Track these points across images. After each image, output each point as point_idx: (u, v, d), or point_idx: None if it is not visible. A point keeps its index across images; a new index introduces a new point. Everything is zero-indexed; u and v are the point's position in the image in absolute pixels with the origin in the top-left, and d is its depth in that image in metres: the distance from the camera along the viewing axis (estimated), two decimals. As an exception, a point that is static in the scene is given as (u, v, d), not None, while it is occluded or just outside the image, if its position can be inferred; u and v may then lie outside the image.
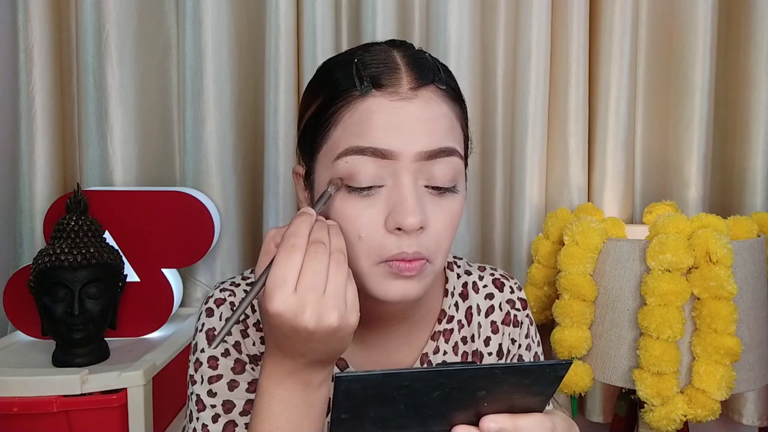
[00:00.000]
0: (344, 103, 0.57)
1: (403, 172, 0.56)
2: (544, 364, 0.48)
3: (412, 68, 0.58)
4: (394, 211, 0.55)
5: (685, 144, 1.40)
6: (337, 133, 0.58)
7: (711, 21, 1.37)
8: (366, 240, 0.56)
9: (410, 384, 0.46)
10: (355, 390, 0.46)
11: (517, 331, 0.76)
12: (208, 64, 1.36)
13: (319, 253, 0.50)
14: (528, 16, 1.38)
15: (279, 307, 0.49)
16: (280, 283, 0.49)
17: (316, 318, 0.49)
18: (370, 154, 0.56)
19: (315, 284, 0.49)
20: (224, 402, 0.65)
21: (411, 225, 0.55)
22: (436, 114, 0.58)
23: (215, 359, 0.66)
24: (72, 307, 1.08)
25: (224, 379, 0.66)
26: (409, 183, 0.56)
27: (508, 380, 0.48)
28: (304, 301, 0.49)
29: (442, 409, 0.49)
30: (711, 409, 1.06)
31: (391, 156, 0.56)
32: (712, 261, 1.04)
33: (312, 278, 0.49)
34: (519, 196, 1.41)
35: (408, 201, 0.55)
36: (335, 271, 0.50)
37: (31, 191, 1.34)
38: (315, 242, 0.51)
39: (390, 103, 0.56)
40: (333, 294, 0.50)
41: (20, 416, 1.01)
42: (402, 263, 0.56)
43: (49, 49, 1.35)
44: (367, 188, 0.56)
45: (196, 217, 1.29)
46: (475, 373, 0.47)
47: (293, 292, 0.49)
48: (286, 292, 0.49)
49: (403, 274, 0.57)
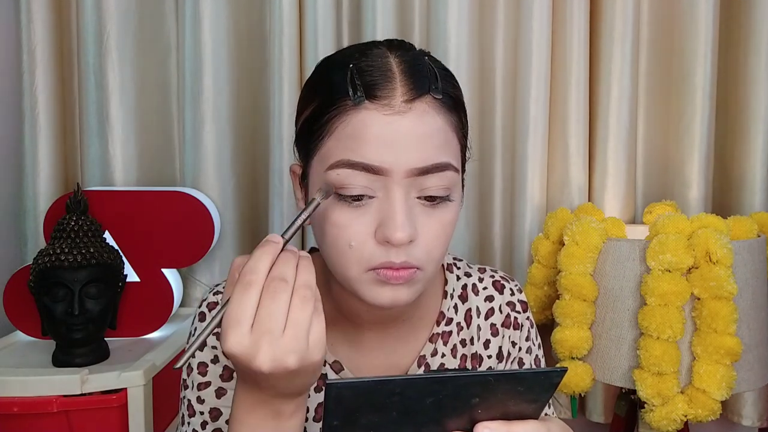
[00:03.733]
0: (337, 112, 0.57)
1: (394, 186, 0.56)
2: (538, 372, 0.48)
3: (407, 77, 0.57)
4: (383, 224, 0.55)
5: (686, 144, 1.40)
6: (330, 143, 0.57)
7: (712, 21, 1.36)
8: (356, 248, 0.56)
9: (402, 391, 0.46)
10: (346, 397, 0.45)
11: (518, 333, 0.75)
12: (208, 65, 1.36)
13: (279, 291, 0.47)
14: (528, 16, 1.37)
15: (233, 348, 0.47)
16: (234, 324, 0.47)
17: (271, 362, 0.46)
18: (362, 168, 0.55)
19: (270, 327, 0.46)
20: (212, 409, 0.65)
21: (399, 240, 0.54)
22: (431, 129, 0.57)
23: (205, 365, 0.66)
24: (72, 307, 1.08)
25: (212, 387, 0.66)
26: (400, 197, 0.55)
27: (502, 387, 0.48)
28: (258, 344, 0.46)
29: (435, 416, 0.48)
30: (711, 409, 1.06)
31: (383, 172, 0.55)
32: (712, 261, 1.04)
33: (267, 320, 0.47)
34: (520, 196, 1.41)
35: (397, 216, 0.55)
36: (298, 310, 0.48)
37: (35, 191, 1.35)
38: (276, 279, 0.48)
39: (383, 117, 0.55)
40: (291, 337, 0.47)
41: (20, 416, 1.01)
42: (389, 271, 0.56)
43: (52, 50, 1.36)
44: (358, 199, 0.56)
45: (196, 217, 1.29)
46: (469, 380, 0.47)
47: (248, 333, 0.47)
48: (240, 332, 0.46)
49: (390, 281, 0.56)
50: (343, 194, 0.56)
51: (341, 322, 0.68)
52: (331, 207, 0.57)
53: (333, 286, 0.66)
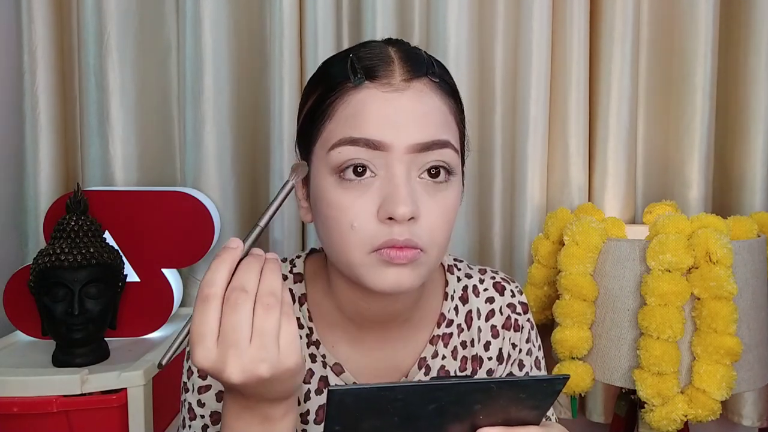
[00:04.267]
0: (338, 95, 0.58)
1: (396, 163, 0.56)
2: (541, 379, 0.47)
3: (405, 61, 0.59)
4: (386, 201, 0.55)
5: (686, 144, 1.40)
6: (331, 126, 0.58)
7: (712, 21, 1.36)
8: (358, 229, 0.56)
9: (405, 397, 0.46)
10: (348, 403, 0.45)
11: (518, 335, 0.75)
12: (208, 65, 1.36)
13: (240, 303, 0.47)
14: (528, 16, 1.37)
15: (201, 363, 0.47)
16: (199, 339, 0.46)
17: (240, 373, 0.46)
18: (363, 144, 0.56)
19: (235, 339, 0.46)
20: (212, 413, 0.65)
21: (402, 214, 0.54)
22: (429, 106, 0.58)
23: None
24: (72, 307, 1.08)
25: (212, 390, 0.66)
26: (401, 173, 0.56)
27: (504, 394, 0.47)
28: (225, 357, 0.46)
29: (437, 422, 0.48)
30: (711, 409, 1.06)
31: (384, 147, 0.55)
32: (712, 261, 1.04)
33: (232, 333, 0.46)
34: (520, 196, 1.41)
35: (399, 190, 0.55)
36: (263, 318, 0.47)
37: (36, 191, 1.35)
38: (236, 289, 0.47)
39: (383, 95, 0.56)
40: (259, 346, 0.46)
41: (20, 416, 1.01)
42: (393, 250, 0.55)
43: (52, 50, 1.36)
44: (361, 173, 0.56)
45: (196, 217, 1.29)
46: (471, 387, 0.47)
47: (214, 347, 0.46)
48: (206, 347, 0.46)
49: (394, 261, 0.55)
50: (345, 169, 0.56)
51: (342, 323, 0.68)
52: (331, 189, 0.57)
53: (335, 283, 0.66)
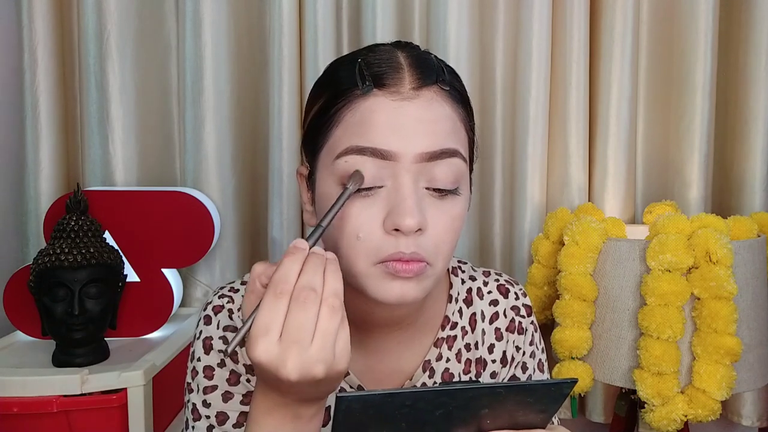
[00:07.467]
0: (346, 102, 0.57)
1: (403, 173, 0.55)
2: (549, 383, 0.47)
3: (415, 68, 0.57)
4: (393, 212, 0.54)
5: (686, 144, 1.40)
6: (338, 133, 0.57)
7: (712, 21, 1.37)
8: (364, 240, 0.55)
9: (412, 403, 0.46)
10: (355, 409, 0.45)
11: (522, 338, 0.74)
12: (208, 65, 1.36)
13: (308, 301, 0.47)
14: (528, 16, 1.38)
15: (261, 357, 0.47)
16: (264, 332, 0.47)
17: (299, 371, 0.47)
18: (370, 154, 0.55)
19: (299, 337, 0.47)
20: (218, 413, 0.65)
21: (409, 226, 0.53)
22: (438, 115, 0.57)
23: (211, 369, 0.65)
24: (72, 307, 1.08)
25: (219, 390, 0.65)
26: (409, 184, 0.55)
27: (512, 398, 0.47)
28: (287, 354, 0.47)
29: (444, 427, 0.48)
30: (711, 409, 1.06)
31: (391, 157, 0.55)
32: (712, 261, 1.04)
33: (297, 332, 0.47)
34: (520, 196, 1.41)
35: (407, 202, 0.54)
36: (326, 320, 0.48)
37: (36, 191, 1.35)
38: (305, 288, 0.48)
39: (391, 103, 0.55)
40: (320, 347, 0.47)
41: (20, 416, 1.01)
42: (399, 264, 0.55)
43: (52, 50, 1.36)
44: (366, 188, 0.55)
45: (196, 217, 1.29)
46: (479, 392, 0.46)
47: (277, 342, 0.47)
48: (269, 341, 0.47)
49: (399, 275, 0.55)
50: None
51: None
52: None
53: None
